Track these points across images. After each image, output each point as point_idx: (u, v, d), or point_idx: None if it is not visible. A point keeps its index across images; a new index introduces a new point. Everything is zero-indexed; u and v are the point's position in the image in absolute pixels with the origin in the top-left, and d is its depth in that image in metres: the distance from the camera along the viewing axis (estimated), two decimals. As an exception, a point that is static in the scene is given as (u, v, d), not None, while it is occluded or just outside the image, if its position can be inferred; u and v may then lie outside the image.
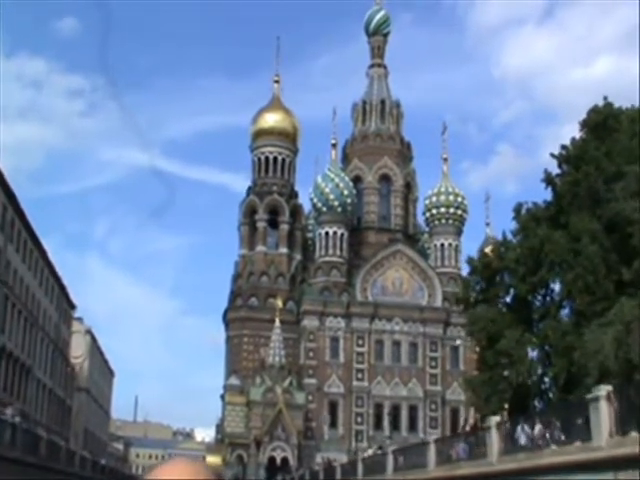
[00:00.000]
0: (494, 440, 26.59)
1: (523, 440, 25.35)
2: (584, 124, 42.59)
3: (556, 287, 42.84)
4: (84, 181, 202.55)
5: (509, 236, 46.73)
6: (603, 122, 41.31)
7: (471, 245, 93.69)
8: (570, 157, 43.09)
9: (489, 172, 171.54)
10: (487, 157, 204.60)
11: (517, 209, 45.53)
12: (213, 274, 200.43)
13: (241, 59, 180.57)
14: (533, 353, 43.83)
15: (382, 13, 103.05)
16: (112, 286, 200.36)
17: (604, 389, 21.00)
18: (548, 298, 43.48)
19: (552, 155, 44.59)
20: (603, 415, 20.40)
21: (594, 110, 42.16)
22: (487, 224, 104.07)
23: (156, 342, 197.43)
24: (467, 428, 40.51)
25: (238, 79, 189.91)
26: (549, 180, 43.14)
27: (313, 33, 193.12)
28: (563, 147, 44.05)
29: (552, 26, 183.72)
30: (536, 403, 44.27)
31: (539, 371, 43.31)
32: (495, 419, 28.13)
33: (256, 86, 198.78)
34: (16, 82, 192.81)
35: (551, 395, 43.62)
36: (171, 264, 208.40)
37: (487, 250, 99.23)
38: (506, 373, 42.17)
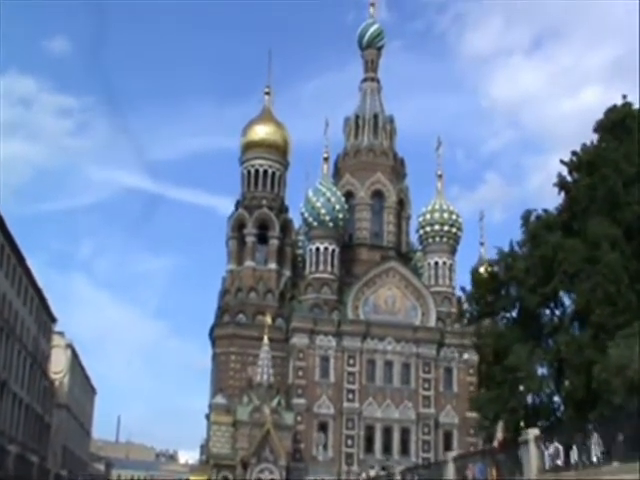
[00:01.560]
0: (532, 456, 23.71)
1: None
2: (600, 125, 40.12)
3: (568, 299, 40.36)
4: (71, 200, 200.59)
5: (516, 246, 44.12)
6: (621, 122, 38.87)
7: (463, 265, 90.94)
8: (582, 162, 40.59)
9: (477, 199, 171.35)
10: (475, 185, 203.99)
11: (525, 217, 42.90)
12: (198, 296, 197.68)
13: (231, 82, 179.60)
14: (542, 369, 41.16)
15: (376, 26, 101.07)
16: (97, 306, 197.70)
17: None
18: (559, 310, 40.74)
19: (562, 162, 42.05)
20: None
21: (612, 110, 39.73)
22: (481, 244, 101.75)
23: (140, 363, 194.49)
24: (495, 444, 37.34)
25: (228, 102, 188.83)
26: (562, 185, 40.56)
27: (304, 54, 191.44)
28: (574, 153, 41.51)
29: (540, 57, 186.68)
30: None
31: (549, 388, 40.49)
32: (533, 432, 25.31)
33: (246, 110, 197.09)
34: (5, 99, 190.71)
35: (559, 414, 40.93)
36: (156, 285, 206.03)
37: (482, 270, 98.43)
38: (521, 388, 39.24)
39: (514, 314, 44.61)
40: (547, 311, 41.25)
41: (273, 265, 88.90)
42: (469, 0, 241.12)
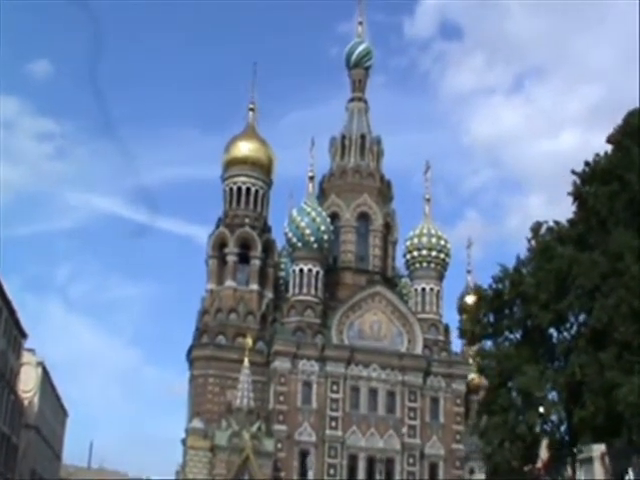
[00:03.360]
0: (597, 474, 20.80)
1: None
2: (617, 133, 37.47)
3: (582, 316, 37.51)
4: (48, 224, 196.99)
5: (522, 263, 41.28)
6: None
7: (448, 294, 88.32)
8: (597, 172, 37.92)
9: (456, 237, 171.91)
10: (454, 222, 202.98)
11: (535, 229, 40.08)
12: (174, 325, 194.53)
13: (214, 112, 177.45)
14: (552, 393, 38.21)
15: (364, 46, 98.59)
16: (72, 331, 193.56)
17: None
18: (574, 329, 37.82)
19: (574, 172, 39.41)
20: None
21: (632, 113, 37.16)
22: (468, 271, 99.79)
23: (115, 389, 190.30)
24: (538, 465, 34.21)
25: (210, 132, 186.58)
26: (578, 195, 37.80)
27: (289, 84, 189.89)
28: (587, 164, 38.90)
29: (520, 97, 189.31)
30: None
31: (559, 413, 37.49)
32: (599, 448, 22.46)
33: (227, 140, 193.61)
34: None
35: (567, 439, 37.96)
36: (133, 312, 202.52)
37: (468, 300, 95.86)
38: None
39: (518, 335, 41.81)
40: (559, 330, 38.39)
41: (255, 286, 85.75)
42: (452, 39, 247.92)
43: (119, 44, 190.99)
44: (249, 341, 78.15)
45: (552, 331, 38.70)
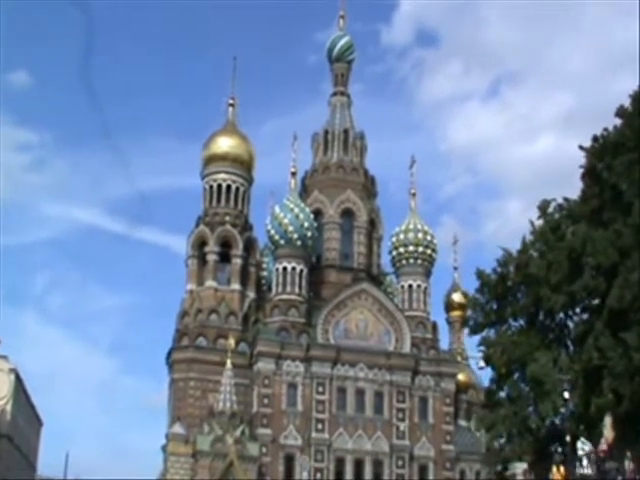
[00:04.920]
0: None
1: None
2: (634, 100, 35.11)
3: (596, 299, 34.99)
4: (25, 235, 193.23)
5: (529, 245, 38.79)
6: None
7: (433, 294, 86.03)
8: (608, 146, 35.50)
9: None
10: (432, 228, 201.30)
11: (543, 207, 37.76)
12: (153, 335, 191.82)
13: (193, 121, 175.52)
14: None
15: (346, 39, 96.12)
16: (49, 342, 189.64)
17: None
18: (588, 311, 35.23)
19: (581, 147, 37.08)
20: None
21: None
22: (455, 268, 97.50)
23: (92, 400, 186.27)
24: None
25: (189, 141, 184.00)
26: (591, 169, 35.31)
27: (269, 93, 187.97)
28: (595, 139, 36.50)
29: (496, 104, 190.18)
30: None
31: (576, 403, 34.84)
32: None
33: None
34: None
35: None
36: (110, 323, 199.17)
37: (455, 297, 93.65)
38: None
39: (522, 322, 39.30)
40: (568, 314, 35.84)
41: (236, 286, 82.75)
42: (429, 47, 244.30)
43: (99, 55, 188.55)
44: (231, 342, 75.38)
45: (561, 316, 36.29)
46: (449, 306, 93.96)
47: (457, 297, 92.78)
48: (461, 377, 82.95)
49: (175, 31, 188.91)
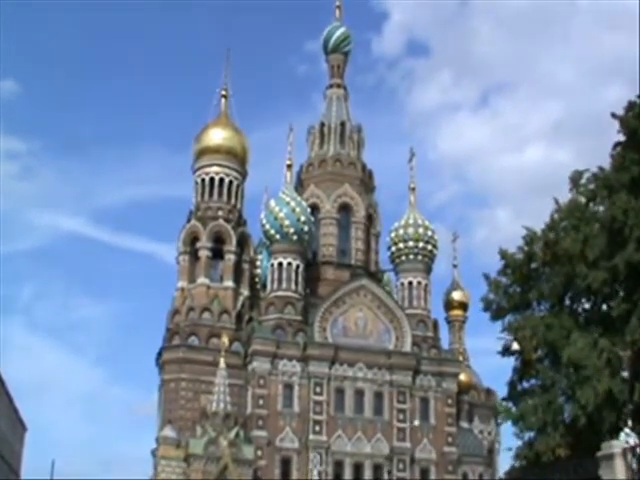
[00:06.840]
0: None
1: None
2: None
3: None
4: (12, 244, 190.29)
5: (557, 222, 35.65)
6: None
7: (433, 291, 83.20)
8: None
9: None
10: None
11: (575, 178, 34.72)
12: (140, 344, 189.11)
13: (181, 130, 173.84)
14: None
15: (342, 30, 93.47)
16: (35, 351, 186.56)
17: None
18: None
19: (614, 115, 34.00)
20: None
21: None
22: (454, 266, 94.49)
23: (79, 409, 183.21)
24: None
25: (177, 150, 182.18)
26: (631, 134, 32.17)
27: (261, 99, 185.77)
28: (631, 105, 33.41)
29: (486, 113, 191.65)
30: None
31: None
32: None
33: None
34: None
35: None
36: (97, 332, 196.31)
37: (455, 296, 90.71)
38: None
39: (548, 305, 36.21)
40: (605, 294, 32.63)
41: (229, 283, 79.43)
42: (419, 57, 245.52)
43: (88, 64, 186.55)
44: (225, 341, 72.20)
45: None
46: (449, 305, 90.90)
47: (457, 295, 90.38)
48: (462, 377, 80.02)
49: (163, 42, 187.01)
